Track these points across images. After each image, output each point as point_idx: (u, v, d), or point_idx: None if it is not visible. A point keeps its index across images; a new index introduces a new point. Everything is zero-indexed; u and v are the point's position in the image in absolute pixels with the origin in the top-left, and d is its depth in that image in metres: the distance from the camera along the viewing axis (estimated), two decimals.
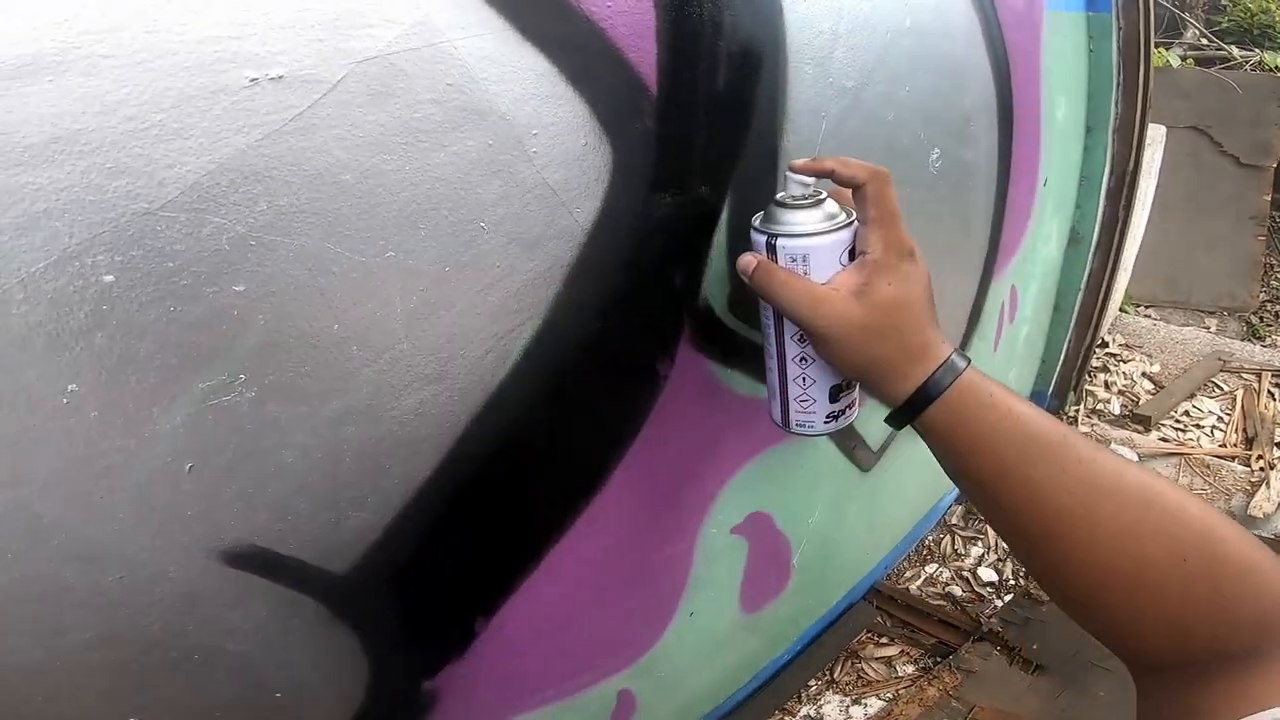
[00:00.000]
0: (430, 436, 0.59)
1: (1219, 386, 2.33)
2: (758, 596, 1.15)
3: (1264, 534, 1.70)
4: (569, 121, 0.58)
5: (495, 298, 0.58)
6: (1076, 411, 2.12)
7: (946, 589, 1.63)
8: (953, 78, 1.05)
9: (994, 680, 1.39)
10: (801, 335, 0.59)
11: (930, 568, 1.69)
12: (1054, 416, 0.53)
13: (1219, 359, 2.44)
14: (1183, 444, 2.06)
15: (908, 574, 1.68)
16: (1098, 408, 2.21)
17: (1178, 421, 2.16)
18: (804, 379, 0.61)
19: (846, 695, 1.44)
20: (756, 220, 0.60)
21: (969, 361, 0.54)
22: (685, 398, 0.80)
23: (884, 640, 1.53)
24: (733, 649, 1.20)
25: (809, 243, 0.56)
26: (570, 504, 0.75)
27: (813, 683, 1.47)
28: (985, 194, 1.26)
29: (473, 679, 0.74)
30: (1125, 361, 2.45)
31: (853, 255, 0.56)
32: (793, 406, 0.63)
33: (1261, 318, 3.47)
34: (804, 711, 1.43)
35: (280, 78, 0.44)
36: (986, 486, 0.52)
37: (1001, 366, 1.70)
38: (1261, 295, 3.56)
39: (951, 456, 0.54)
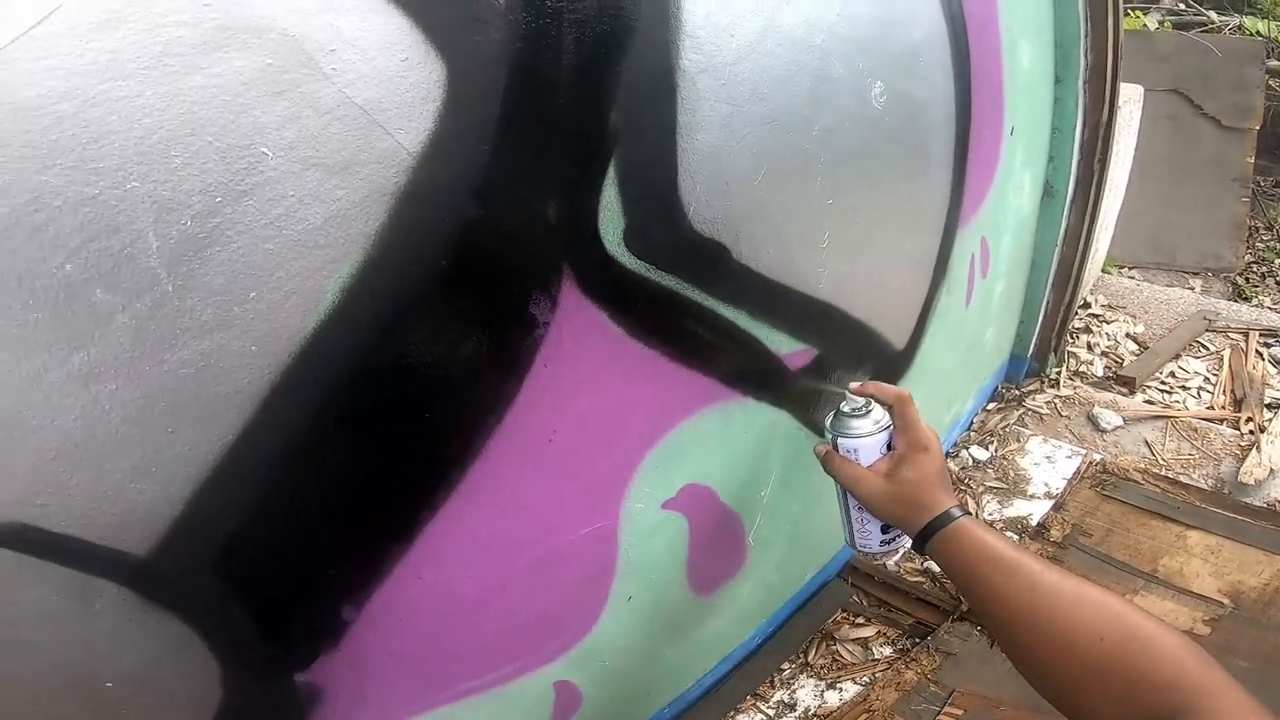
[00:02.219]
0: (222, 395, 0.51)
1: (1205, 347, 2.26)
2: (710, 577, 1.07)
3: (1255, 501, 1.62)
4: (380, 35, 0.51)
5: (292, 231, 0.50)
6: (1058, 374, 2.04)
7: (925, 564, 1.56)
8: (894, 5, 0.97)
9: (974, 663, 1.30)
10: None
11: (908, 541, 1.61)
12: (1020, 546, 0.76)
13: (1204, 318, 2.37)
14: (1169, 406, 1.99)
15: None
16: (1080, 370, 2.13)
17: (1163, 383, 2.09)
18: (862, 520, 0.92)
19: (821, 679, 1.37)
20: (827, 421, 0.90)
21: (964, 513, 0.78)
22: (578, 352, 0.71)
23: (860, 620, 1.46)
24: (690, 633, 1.12)
25: (858, 442, 0.86)
26: (436, 477, 0.66)
27: (786, 666, 1.40)
28: (944, 137, 1.18)
29: (361, 670, 0.66)
30: (1108, 322, 2.37)
31: (890, 446, 0.87)
32: (857, 535, 0.95)
33: (1247, 279, 3.42)
34: (777, 696, 1.36)
35: None
36: (970, 593, 0.73)
37: (976, 323, 1.63)
38: (1247, 256, 3.51)
39: (949, 573, 0.77)
